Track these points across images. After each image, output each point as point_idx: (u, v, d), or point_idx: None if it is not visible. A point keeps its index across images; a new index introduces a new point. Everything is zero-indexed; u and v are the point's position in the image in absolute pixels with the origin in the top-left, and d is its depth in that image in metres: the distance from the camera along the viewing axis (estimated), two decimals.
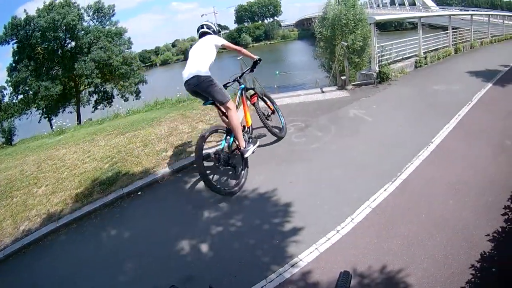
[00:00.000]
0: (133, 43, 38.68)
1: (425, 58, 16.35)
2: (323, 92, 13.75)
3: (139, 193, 7.84)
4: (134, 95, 38.64)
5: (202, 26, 8.11)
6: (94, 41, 33.94)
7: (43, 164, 10.20)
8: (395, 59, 15.44)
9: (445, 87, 12.74)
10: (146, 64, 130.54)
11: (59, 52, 33.47)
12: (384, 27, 76.16)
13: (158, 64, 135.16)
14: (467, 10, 39.36)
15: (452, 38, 19.60)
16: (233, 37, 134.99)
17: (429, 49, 17.69)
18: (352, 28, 23.95)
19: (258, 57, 8.47)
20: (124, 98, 38.12)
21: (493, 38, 24.97)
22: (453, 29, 20.09)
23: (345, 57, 14.07)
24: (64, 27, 31.89)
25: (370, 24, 14.57)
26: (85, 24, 35.23)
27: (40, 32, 31.47)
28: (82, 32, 34.05)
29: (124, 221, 7.04)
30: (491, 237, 5.10)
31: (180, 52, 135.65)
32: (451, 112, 10.14)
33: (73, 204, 7.64)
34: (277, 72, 69.69)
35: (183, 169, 8.51)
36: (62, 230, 7.03)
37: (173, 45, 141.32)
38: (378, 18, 14.62)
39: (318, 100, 12.79)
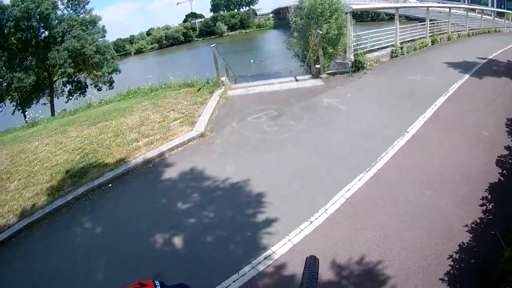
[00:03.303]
0: (108, 31, 37.79)
1: (402, 48, 16.29)
2: (297, 80, 13.59)
3: (110, 185, 7.67)
4: (108, 84, 37.78)
5: None
6: (68, 29, 32.74)
7: (16, 158, 10.00)
8: (371, 49, 15.37)
9: (421, 78, 12.69)
10: (121, 53, 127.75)
11: (32, 42, 32.14)
12: (360, 17, 76.00)
13: (132, 53, 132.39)
14: (445, 3, 39.39)
15: (430, 29, 19.53)
16: (209, 26, 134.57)
17: (406, 40, 17.59)
18: (328, 17, 23.78)
19: None
20: (98, 87, 37.14)
21: (471, 31, 25.03)
22: (430, 21, 19.98)
23: (320, 46, 13.84)
24: (38, 16, 30.65)
25: (347, 13, 14.37)
26: (59, 12, 33.68)
27: (13, 21, 30.06)
28: (56, 21, 32.68)
29: (95, 215, 6.85)
30: (469, 228, 5.10)
31: (154, 41, 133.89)
32: (427, 103, 10.12)
33: (45, 198, 7.48)
34: (252, 61, 69.59)
35: (154, 159, 8.37)
36: (34, 226, 6.85)
37: (148, 33, 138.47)
38: (354, 7, 14.64)
39: (292, 88, 12.66)
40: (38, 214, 7.04)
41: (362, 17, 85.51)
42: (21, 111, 34.19)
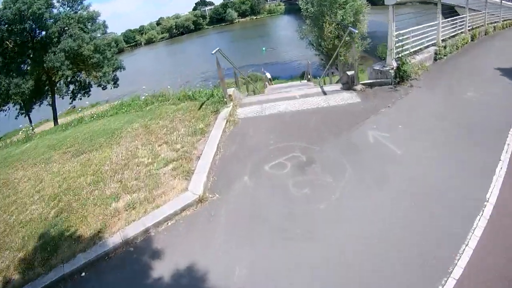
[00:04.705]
0: (117, 23, 37.69)
1: (445, 47, 13.21)
2: (325, 93, 10.86)
3: (83, 274, 5.85)
4: (112, 83, 36.99)
5: None
6: (66, 28, 31.41)
7: None
8: (412, 50, 12.10)
9: (478, 95, 9.82)
10: (131, 44, 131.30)
11: (29, 44, 31.07)
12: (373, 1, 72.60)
13: (142, 43, 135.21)
14: None
15: (469, 23, 16.18)
16: (219, 13, 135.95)
17: (447, 37, 14.33)
18: (342, 3, 21.60)
19: None
20: (102, 86, 36.61)
21: (505, 22, 21.49)
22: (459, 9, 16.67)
23: (353, 45, 11.14)
24: (31, 17, 29.17)
25: (389, 5, 10.75)
26: (55, 11, 32.26)
27: (6, 25, 29.06)
28: (51, 20, 31.11)
29: None
30: None
31: (165, 30, 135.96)
32: (497, 141, 7.49)
33: (15, 276, 6.06)
34: (264, 49, 69.27)
35: (135, 239, 6.17)
36: None
37: (158, 23, 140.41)
38: None
39: (321, 108, 9.97)
40: None
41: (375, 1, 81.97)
42: (24, 115, 33.85)
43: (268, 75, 37.67)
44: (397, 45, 11.01)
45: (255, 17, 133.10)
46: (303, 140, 8.24)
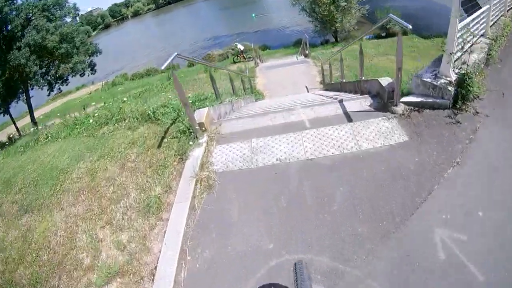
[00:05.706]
0: None
1: (495, 40, 8.86)
2: (349, 118, 7.15)
3: None
4: (89, 69, 35.43)
5: None
6: (32, 18, 28.64)
7: None
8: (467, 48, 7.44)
9: None
10: (118, 18, 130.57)
11: None
12: None
13: (129, 17, 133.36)
14: None
15: (508, 1, 11.54)
16: None
17: (492, 23, 9.93)
18: None
19: None
20: (80, 74, 34.91)
21: None
22: None
23: (399, 44, 6.52)
24: None
25: None
26: (19, 1, 29.55)
27: None
28: (14, 13, 28.19)
29: None
30: None
31: (151, 1, 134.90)
32: None
33: None
34: (254, 15, 68.30)
35: None
36: None
37: None
38: None
39: (348, 154, 6.18)
40: None
41: None
42: (2, 114, 32.14)
43: (241, 47, 34.57)
44: (460, 45, 6.82)
45: None
46: (326, 246, 4.69)
